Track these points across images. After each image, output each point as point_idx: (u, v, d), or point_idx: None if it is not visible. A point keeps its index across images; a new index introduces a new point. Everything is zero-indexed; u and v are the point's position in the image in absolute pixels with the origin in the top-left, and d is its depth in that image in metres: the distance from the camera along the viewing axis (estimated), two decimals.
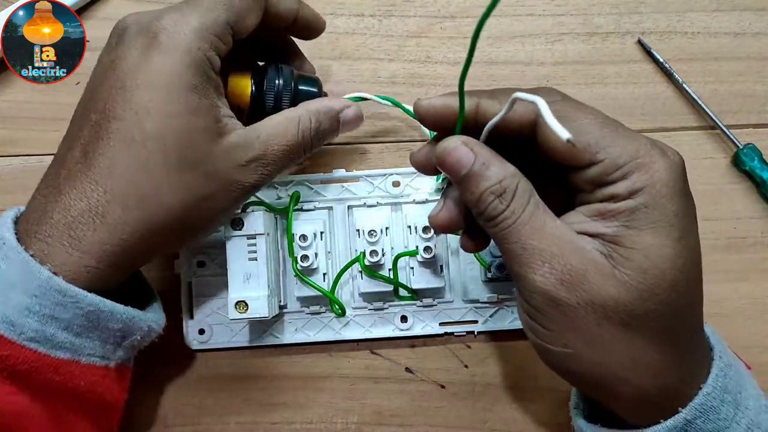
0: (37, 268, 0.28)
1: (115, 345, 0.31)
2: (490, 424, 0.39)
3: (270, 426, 0.39)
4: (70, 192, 0.29)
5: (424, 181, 0.40)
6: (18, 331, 0.28)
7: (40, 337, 0.28)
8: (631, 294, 0.26)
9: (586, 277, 0.26)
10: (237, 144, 0.31)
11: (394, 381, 0.39)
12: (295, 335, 0.39)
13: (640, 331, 0.26)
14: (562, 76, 0.42)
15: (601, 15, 0.43)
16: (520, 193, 0.27)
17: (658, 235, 0.26)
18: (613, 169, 0.26)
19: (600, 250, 0.27)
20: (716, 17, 0.43)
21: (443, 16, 0.42)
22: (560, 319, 0.26)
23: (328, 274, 0.39)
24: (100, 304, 0.29)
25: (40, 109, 0.41)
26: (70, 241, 0.29)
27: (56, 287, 0.28)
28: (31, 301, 0.28)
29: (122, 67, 0.30)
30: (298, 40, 0.38)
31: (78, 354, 0.29)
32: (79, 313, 0.29)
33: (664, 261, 0.26)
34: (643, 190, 0.26)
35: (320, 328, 0.39)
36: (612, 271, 0.26)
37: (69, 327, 0.29)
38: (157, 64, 0.29)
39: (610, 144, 0.27)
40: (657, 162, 0.26)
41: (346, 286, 0.39)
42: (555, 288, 0.26)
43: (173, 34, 0.30)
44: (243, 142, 0.31)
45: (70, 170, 0.30)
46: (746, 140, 0.41)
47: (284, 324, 0.39)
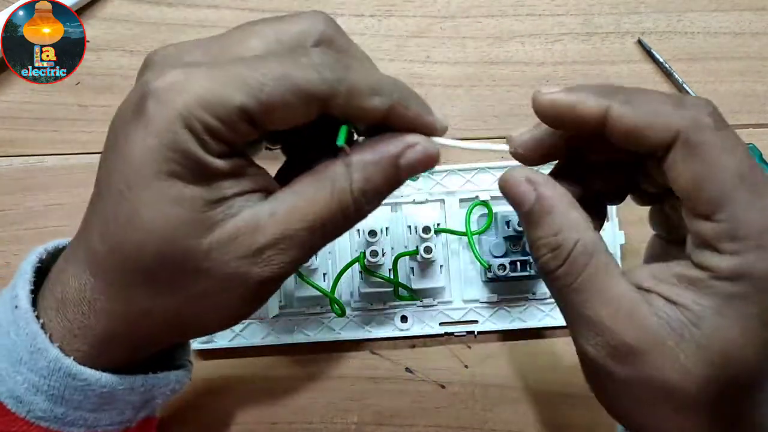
0: (45, 345, 0.25)
1: (135, 410, 0.28)
2: (490, 424, 0.39)
3: (270, 426, 0.39)
4: (70, 267, 0.25)
5: (424, 182, 0.40)
6: (26, 408, 0.25)
7: (50, 417, 0.25)
8: (692, 383, 0.23)
9: (643, 356, 0.23)
10: (237, 233, 0.23)
11: (394, 381, 0.39)
12: (295, 335, 0.39)
13: (694, 410, 0.24)
14: (562, 76, 0.42)
15: (601, 15, 0.43)
16: (580, 251, 0.24)
17: (745, 334, 0.23)
18: (727, 238, 0.22)
19: (670, 322, 0.23)
20: (716, 17, 0.43)
21: (443, 16, 0.42)
22: (611, 386, 0.25)
23: (328, 274, 0.39)
24: (115, 383, 0.26)
25: (40, 109, 0.41)
26: (65, 322, 0.25)
27: (66, 369, 0.25)
28: (39, 380, 0.25)
29: (116, 124, 0.24)
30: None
31: (94, 427, 0.26)
32: (91, 395, 0.26)
33: (740, 364, 0.23)
34: (751, 277, 0.22)
35: (320, 328, 0.39)
36: (676, 354, 0.23)
37: (81, 406, 0.26)
38: (137, 137, 0.23)
39: (738, 208, 0.22)
40: None
41: (346, 286, 0.39)
42: (606, 361, 0.24)
43: (162, 103, 0.22)
44: (247, 227, 0.24)
45: (74, 242, 0.26)
46: (746, 140, 0.41)
47: (284, 324, 0.39)
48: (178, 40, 0.43)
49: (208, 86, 0.22)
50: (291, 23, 0.25)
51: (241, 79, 0.22)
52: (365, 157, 0.24)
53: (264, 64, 0.23)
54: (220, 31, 0.35)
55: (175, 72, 0.23)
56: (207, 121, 0.22)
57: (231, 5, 0.42)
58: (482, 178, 0.40)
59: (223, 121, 0.22)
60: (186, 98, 0.22)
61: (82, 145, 0.41)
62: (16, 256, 0.40)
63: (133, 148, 0.23)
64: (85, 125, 0.41)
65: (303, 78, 0.23)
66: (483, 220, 0.39)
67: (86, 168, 0.41)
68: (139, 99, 0.23)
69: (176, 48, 0.25)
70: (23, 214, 0.40)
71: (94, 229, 0.24)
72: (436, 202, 0.40)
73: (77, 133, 0.41)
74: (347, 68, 0.23)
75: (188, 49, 0.25)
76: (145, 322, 0.25)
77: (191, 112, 0.22)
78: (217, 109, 0.22)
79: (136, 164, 0.23)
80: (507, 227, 0.38)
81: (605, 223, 0.35)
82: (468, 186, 0.40)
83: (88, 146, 0.41)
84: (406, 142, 0.24)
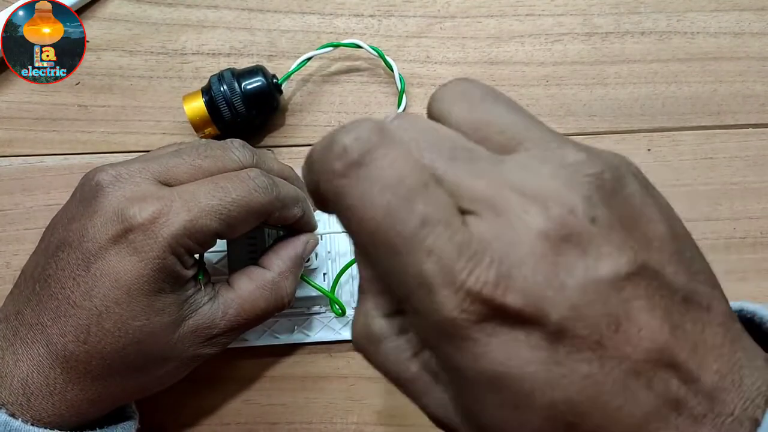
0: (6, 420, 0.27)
1: None
2: None
3: (270, 426, 0.39)
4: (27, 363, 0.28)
5: None
6: None
7: None
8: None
9: None
10: (197, 327, 0.30)
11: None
12: (295, 335, 0.39)
13: None
14: (562, 76, 0.42)
15: (601, 15, 0.43)
16: None
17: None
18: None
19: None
20: (716, 17, 0.43)
21: (443, 16, 0.42)
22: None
23: (328, 274, 0.39)
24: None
25: (40, 109, 0.41)
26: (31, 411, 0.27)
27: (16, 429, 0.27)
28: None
29: (88, 246, 0.27)
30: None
31: None
32: None
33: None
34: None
35: (320, 328, 0.39)
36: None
37: None
38: (125, 264, 0.27)
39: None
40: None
41: (346, 285, 0.39)
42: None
43: (150, 236, 0.27)
44: (205, 323, 0.30)
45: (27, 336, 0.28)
46: (746, 140, 0.41)
47: (284, 324, 0.39)
48: (178, 40, 0.44)
49: (187, 219, 0.27)
50: (225, 156, 0.31)
51: (214, 211, 0.28)
52: (295, 264, 0.33)
53: (227, 193, 0.29)
54: (220, 31, 0.36)
55: (155, 204, 0.27)
56: (190, 246, 0.28)
57: (231, 5, 0.42)
58: None
59: (200, 243, 0.28)
60: (171, 230, 0.27)
61: (82, 145, 0.41)
62: (16, 256, 0.40)
63: (123, 273, 0.27)
64: (85, 125, 0.41)
65: (256, 201, 0.29)
66: None
67: (86, 168, 0.41)
68: (123, 230, 0.27)
69: (123, 171, 0.29)
70: (23, 214, 0.40)
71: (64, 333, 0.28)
72: None
73: (77, 133, 0.41)
74: (278, 186, 0.31)
75: (135, 176, 0.29)
76: (112, 399, 0.29)
77: (177, 241, 0.27)
78: (198, 236, 0.28)
79: (126, 286, 0.27)
80: None
81: None
82: None
83: (88, 146, 0.41)
84: (305, 242, 0.34)
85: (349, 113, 0.42)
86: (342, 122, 0.41)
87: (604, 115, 0.41)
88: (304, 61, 0.40)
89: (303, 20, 0.42)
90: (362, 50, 0.40)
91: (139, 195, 0.28)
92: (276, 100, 0.39)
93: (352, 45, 0.40)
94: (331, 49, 0.40)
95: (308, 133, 0.41)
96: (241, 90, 0.37)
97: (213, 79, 0.38)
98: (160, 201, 0.27)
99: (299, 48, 0.42)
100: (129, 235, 0.27)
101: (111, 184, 0.28)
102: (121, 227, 0.27)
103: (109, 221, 0.27)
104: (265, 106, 0.39)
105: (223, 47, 0.42)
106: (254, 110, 0.38)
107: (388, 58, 0.40)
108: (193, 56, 0.42)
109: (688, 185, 0.40)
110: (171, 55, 0.42)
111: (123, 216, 0.27)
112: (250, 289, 0.32)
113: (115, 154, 0.41)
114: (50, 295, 0.28)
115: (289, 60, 0.42)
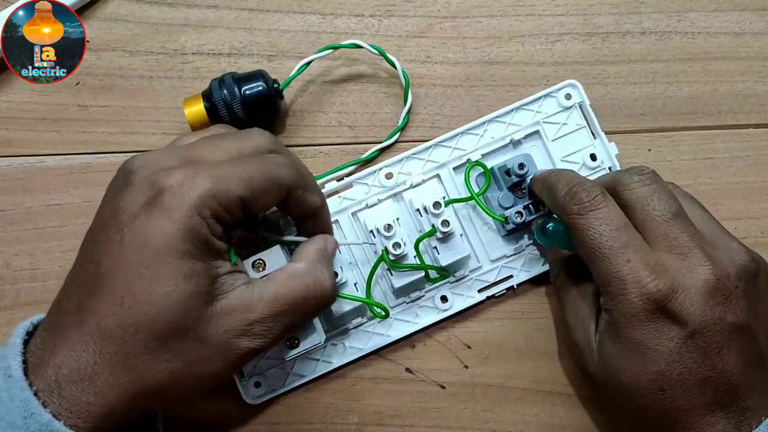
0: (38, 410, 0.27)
1: None
2: (491, 424, 0.39)
3: (270, 426, 0.39)
4: (62, 348, 0.28)
5: (414, 164, 0.40)
6: None
7: None
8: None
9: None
10: (234, 307, 0.30)
11: (394, 381, 0.39)
12: (347, 353, 0.39)
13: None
14: (562, 76, 0.42)
15: (601, 15, 0.43)
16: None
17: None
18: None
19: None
20: (716, 17, 0.43)
21: (443, 16, 0.42)
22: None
23: (358, 283, 0.38)
24: None
25: (40, 109, 0.41)
26: (60, 400, 0.28)
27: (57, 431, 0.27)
28: None
29: (122, 219, 0.29)
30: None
31: None
32: None
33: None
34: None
35: (368, 338, 0.39)
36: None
37: None
38: (155, 225, 0.28)
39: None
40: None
41: (376, 288, 0.39)
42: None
43: (178, 196, 0.28)
44: (242, 304, 0.30)
45: (65, 323, 0.29)
46: (747, 140, 0.41)
47: (329, 347, 0.39)
48: (178, 40, 0.44)
49: (212, 182, 0.29)
50: (246, 140, 0.32)
51: (237, 176, 0.29)
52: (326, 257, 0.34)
53: (249, 164, 0.30)
54: (220, 31, 0.36)
55: (183, 171, 0.29)
56: (215, 209, 0.29)
57: (231, 5, 0.42)
58: (465, 140, 0.40)
59: (226, 208, 0.29)
60: (198, 191, 0.28)
61: (82, 145, 0.41)
62: (16, 256, 0.40)
63: (152, 234, 0.28)
64: (85, 125, 0.41)
65: (278, 173, 0.31)
66: (481, 179, 0.39)
67: (86, 168, 0.41)
68: (153, 195, 0.28)
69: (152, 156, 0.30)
70: (23, 214, 0.40)
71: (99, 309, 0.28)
72: (431, 179, 0.40)
73: (77, 133, 0.41)
74: (300, 167, 0.32)
75: (163, 157, 0.30)
76: (142, 388, 0.29)
77: (204, 203, 0.28)
78: (223, 199, 0.29)
79: (155, 247, 0.28)
80: (508, 176, 0.39)
81: (595, 139, 0.40)
82: (455, 153, 0.40)
83: (88, 146, 0.41)
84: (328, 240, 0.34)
85: (349, 113, 0.42)
86: (342, 122, 0.41)
87: (605, 115, 0.41)
88: (305, 65, 0.40)
89: (303, 20, 0.42)
90: (362, 51, 0.40)
91: (168, 167, 0.29)
92: (277, 105, 0.39)
93: (352, 45, 0.40)
94: (331, 51, 0.40)
95: (308, 133, 0.42)
96: (241, 95, 0.37)
97: (214, 84, 0.38)
98: (186, 169, 0.29)
99: (299, 48, 0.42)
100: (158, 198, 0.28)
101: (140, 166, 0.30)
102: (151, 193, 0.28)
103: (139, 192, 0.29)
104: (266, 112, 0.39)
105: (223, 47, 0.42)
106: (254, 116, 0.38)
107: (390, 56, 0.40)
108: (193, 56, 0.42)
109: (689, 185, 0.40)
110: (171, 55, 0.42)
111: (152, 183, 0.29)
112: (283, 278, 0.31)
113: (115, 154, 0.41)
114: (88, 276, 0.29)
115: (289, 60, 0.42)
